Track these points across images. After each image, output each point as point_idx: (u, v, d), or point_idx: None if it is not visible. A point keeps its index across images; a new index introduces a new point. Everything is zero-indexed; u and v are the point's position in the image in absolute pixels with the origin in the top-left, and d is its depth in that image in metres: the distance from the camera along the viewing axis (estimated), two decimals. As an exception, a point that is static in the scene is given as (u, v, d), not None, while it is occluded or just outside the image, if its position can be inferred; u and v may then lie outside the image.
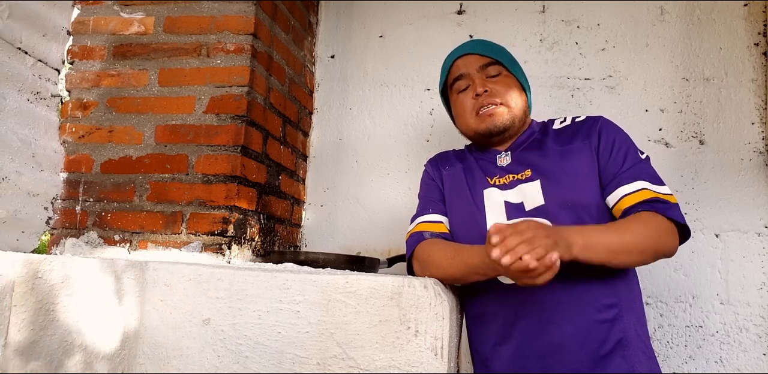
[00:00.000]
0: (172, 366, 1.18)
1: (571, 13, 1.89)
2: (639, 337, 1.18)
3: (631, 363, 1.14)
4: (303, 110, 1.95)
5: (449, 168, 1.38)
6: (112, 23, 1.62)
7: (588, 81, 1.84)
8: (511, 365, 1.18)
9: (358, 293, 1.13)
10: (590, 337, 1.14)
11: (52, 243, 1.53)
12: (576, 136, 1.26)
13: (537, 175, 1.23)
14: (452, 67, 1.34)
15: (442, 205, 1.34)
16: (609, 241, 1.06)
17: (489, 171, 1.30)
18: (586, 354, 1.14)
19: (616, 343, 1.14)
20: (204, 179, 1.49)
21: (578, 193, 1.20)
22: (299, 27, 1.90)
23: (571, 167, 1.22)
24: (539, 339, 1.16)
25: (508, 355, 1.19)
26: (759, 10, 1.77)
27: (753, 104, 1.73)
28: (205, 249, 1.45)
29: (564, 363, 1.14)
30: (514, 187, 1.24)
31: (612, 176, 1.19)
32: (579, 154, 1.23)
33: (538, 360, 1.16)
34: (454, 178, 1.34)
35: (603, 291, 1.16)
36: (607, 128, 1.25)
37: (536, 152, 1.27)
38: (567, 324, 1.15)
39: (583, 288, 1.16)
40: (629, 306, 1.18)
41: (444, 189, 1.36)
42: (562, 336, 1.14)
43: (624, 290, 1.19)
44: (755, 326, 1.62)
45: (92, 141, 1.57)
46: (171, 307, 1.21)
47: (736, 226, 1.68)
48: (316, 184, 1.99)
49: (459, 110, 1.32)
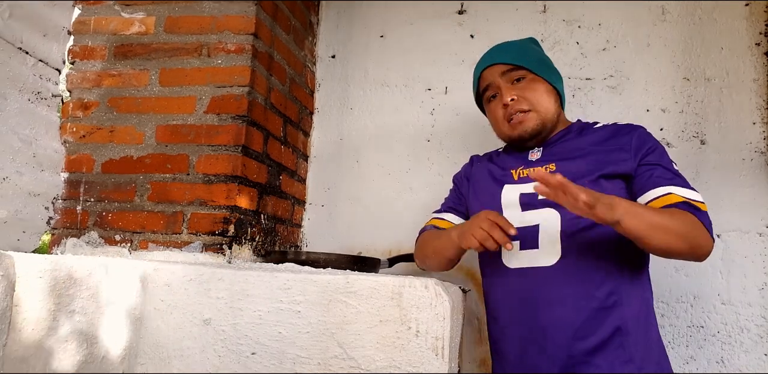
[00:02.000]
0: (172, 366, 1.18)
1: (572, 12, 1.89)
2: (642, 328, 1.18)
3: (630, 353, 1.15)
4: (304, 110, 1.95)
5: (481, 163, 1.46)
6: (113, 23, 1.62)
7: (589, 81, 1.84)
8: (516, 347, 1.24)
9: (358, 293, 1.13)
10: (585, 322, 1.16)
11: (53, 243, 1.53)
12: (611, 138, 1.27)
13: (559, 169, 1.27)
14: (480, 78, 1.38)
15: (457, 207, 1.47)
16: (652, 217, 1.08)
17: (517, 165, 1.35)
18: (580, 339, 1.16)
19: (613, 331, 1.15)
20: (205, 179, 1.49)
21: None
22: (300, 27, 1.90)
23: (595, 166, 1.23)
24: (538, 322, 1.20)
25: (514, 337, 1.25)
26: (760, 9, 1.77)
27: (754, 104, 1.73)
28: (206, 249, 1.45)
29: (561, 346, 1.17)
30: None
31: (645, 180, 1.20)
32: (608, 154, 1.24)
33: (538, 342, 1.20)
34: (481, 173, 1.42)
35: (602, 278, 1.18)
36: (645, 137, 1.26)
37: (566, 149, 1.30)
38: (563, 308, 1.18)
39: (582, 274, 1.18)
40: (632, 296, 1.19)
41: (470, 183, 1.45)
42: (558, 319, 1.18)
43: (626, 279, 1.19)
44: (756, 326, 1.62)
45: (93, 141, 1.57)
46: (172, 307, 1.21)
47: (737, 226, 1.68)
48: (316, 184, 1.99)
49: (492, 119, 1.38)
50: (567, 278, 1.19)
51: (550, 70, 1.36)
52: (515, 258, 1.26)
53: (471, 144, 1.88)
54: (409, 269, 1.84)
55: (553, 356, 1.18)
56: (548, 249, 1.21)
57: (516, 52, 1.35)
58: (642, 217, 1.07)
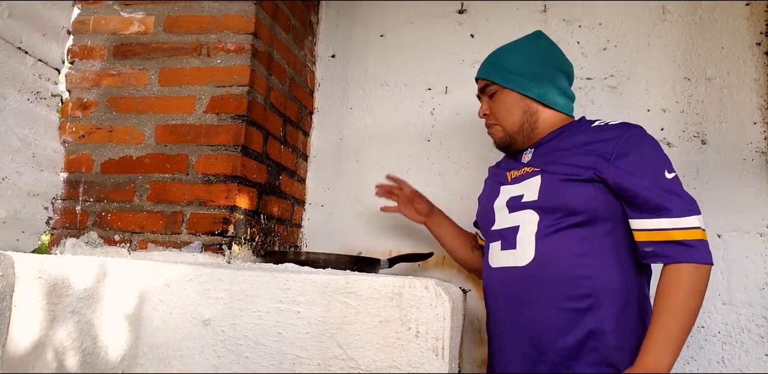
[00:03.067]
0: (172, 366, 1.17)
1: (573, 12, 1.88)
2: (621, 332, 1.16)
3: (604, 356, 1.15)
4: (303, 110, 1.95)
5: (495, 168, 1.51)
6: (113, 23, 1.61)
7: (589, 80, 1.84)
8: (499, 345, 1.29)
9: (358, 293, 1.12)
10: (558, 324, 1.18)
11: (53, 243, 1.53)
12: (595, 142, 1.23)
13: (542, 171, 1.27)
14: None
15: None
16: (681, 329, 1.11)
17: (512, 167, 1.38)
18: (553, 340, 1.18)
19: (587, 334, 1.16)
20: (204, 179, 1.49)
21: (569, 197, 1.20)
22: (300, 26, 1.90)
23: (575, 171, 1.21)
24: (517, 321, 1.24)
25: (499, 335, 1.30)
26: (761, 9, 1.76)
27: (755, 104, 1.72)
28: (206, 250, 1.45)
29: (535, 347, 1.20)
30: (522, 181, 1.30)
31: (630, 198, 1.17)
32: (584, 158, 1.21)
33: (518, 342, 1.23)
34: (490, 178, 1.49)
35: (576, 280, 1.18)
36: (630, 143, 1.20)
37: (554, 150, 1.30)
38: (537, 308, 1.20)
39: (555, 276, 1.19)
40: (611, 299, 1.17)
41: (484, 188, 1.52)
42: (533, 319, 1.21)
43: (606, 283, 1.17)
44: (757, 326, 1.62)
45: (92, 141, 1.57)
46: (171, 307, 1.21)
47: (738, 226, 1.68)
48: (316, 184, 1.99)
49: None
50: (539, 279, 1.20)
51: (524, 77, 1.32)
52: (497, 258, 1.30)
53: (471, 144, 1.88)
54: (409, 269, 1.84)
55: (527, 356, 1.21)
56: (524, 249, 1.23)
57: (489, 65, 1.39)
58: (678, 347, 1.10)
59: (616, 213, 1.21)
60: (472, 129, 1.88)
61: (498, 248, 1.30)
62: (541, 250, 1.21)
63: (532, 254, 1.22)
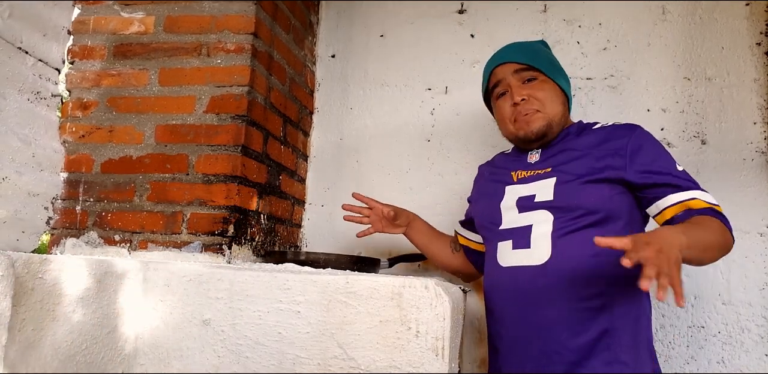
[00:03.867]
0: (172, 366, 1.17)
1: (573, 12, 1.88)
2: (632, 331, 1.18)
3: (616, 354, 1.15)
4: (303, 110, 1.95)
5: (484, 169, 1.50)
6: (113, 23, 1.61)
7: (590, 80, 1.84)
8: (508, 345, 1.26)
9: (358, 293, 1.12)
10: (571, 323, 1.17)
11: (53, 243, 1.53)
12: (606, 141, 1.27)
13: (555, 172, 1.27)
14: (491, 75, 1.38)
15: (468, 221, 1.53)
16: (704, 239, 1.09)
17: (517, 167, 1.36)
18: (566, 340, 1.17)
19: (600, 333, 1.16)
20: (204, 179, 1.49)
21: (586, 198, 1.22)
22: (300, 26, 1.90)
23: (586, 171, 1.23)
24: (528, 320, 1.22)
25: (507, 335, 1.27)
26: (761, 9, 1.76)
27: (755, 104, 1.72)
28: (206, 250, 1.45)
29: (550, 346, 1.19)
30: (532, 182, 1.30)
31: (661, 185, 1.21)
32: (600, 159, 1.24)
33: (527, 340, 1.22)
34: (486, 178, 1.47)
35: (590, 279, 1.18)
36: (642, 140, 1.26)
37: (563, 151, 1.31)
38: (551, 307, 1.19)
39: (570, 275, 1.19)
40: (621, 298, 1.18)
41: (476, 188, 1.51)
42: (546, 318, 1.19)
43: (618, 282, 1.18)
44: (757, 326, 1.62)
45: (92, 141, 1.57)
46: (171, 307, 1.21)
47: (738, 226, 1.66)
48: (316, 184, 1.99)
49: (499, 116, 1.39)
50: (555, 278, 1.20)
51: (560, 73, 1.36)
52: (507, 257, 1.28)
53: (471, 144, 1.88)
54: (409, 269, 1.84)
55: (540, 355, 1.19)
56: (539, 249, 1.23)
57: (530, 52, 1.36)
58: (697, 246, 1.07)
59: (629, 212, 1.24)
60: (472, 129, 1.88)
61: (509, 247, 1.28)
62: (557, 250, 1.21)
63: (548, 253, 1.21)
